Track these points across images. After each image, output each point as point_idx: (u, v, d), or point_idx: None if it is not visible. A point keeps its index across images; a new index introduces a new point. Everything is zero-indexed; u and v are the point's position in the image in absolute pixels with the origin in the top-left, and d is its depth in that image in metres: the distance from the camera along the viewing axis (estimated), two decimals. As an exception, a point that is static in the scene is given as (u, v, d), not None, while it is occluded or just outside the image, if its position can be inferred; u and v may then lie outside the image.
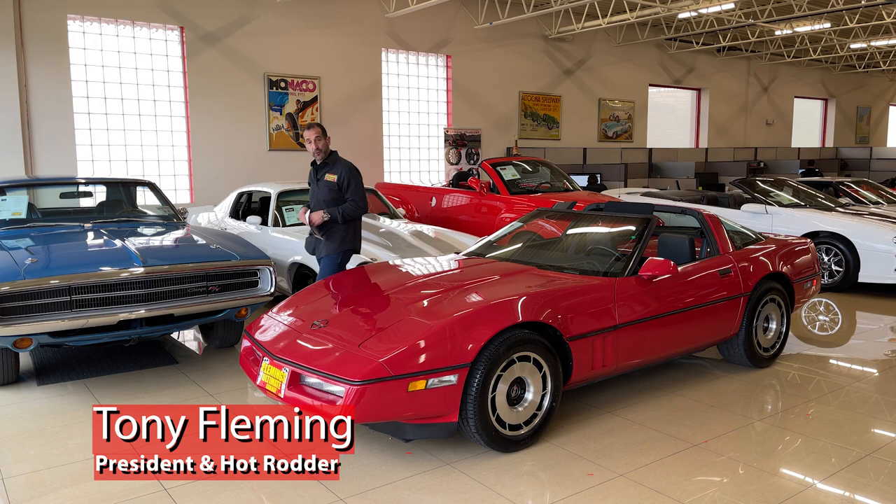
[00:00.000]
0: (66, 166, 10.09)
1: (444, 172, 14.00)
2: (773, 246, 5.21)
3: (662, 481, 3.31)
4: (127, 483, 3.29)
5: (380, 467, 3.45)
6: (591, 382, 4.13)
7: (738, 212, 8.52)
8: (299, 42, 11.99)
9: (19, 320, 4.24)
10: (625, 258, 4.32)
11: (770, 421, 4.09)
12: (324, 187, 4.95)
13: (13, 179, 5.94)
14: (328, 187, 4.94)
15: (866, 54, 20.51)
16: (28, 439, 3.82)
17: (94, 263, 4.55)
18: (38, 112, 9.83)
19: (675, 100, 19.09)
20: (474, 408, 3.38)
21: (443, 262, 4.74)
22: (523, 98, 15.17)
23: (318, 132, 4.88)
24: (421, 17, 13.24)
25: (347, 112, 12.67)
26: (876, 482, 3.32)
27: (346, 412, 3.16)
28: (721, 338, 4.78)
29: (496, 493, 3.19)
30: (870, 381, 4.82)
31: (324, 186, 4.95)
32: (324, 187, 4.95)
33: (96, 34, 10.38)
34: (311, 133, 4.92)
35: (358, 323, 3.66)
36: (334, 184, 4.92)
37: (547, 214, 5.31)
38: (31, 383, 4.79)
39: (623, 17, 13.57)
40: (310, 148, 4.94)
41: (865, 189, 10.19)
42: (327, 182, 4.94)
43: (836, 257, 7.74)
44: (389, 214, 7.66)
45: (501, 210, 8.35)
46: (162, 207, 6.31)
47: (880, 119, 25.58)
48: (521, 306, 3.61)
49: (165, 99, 11.02)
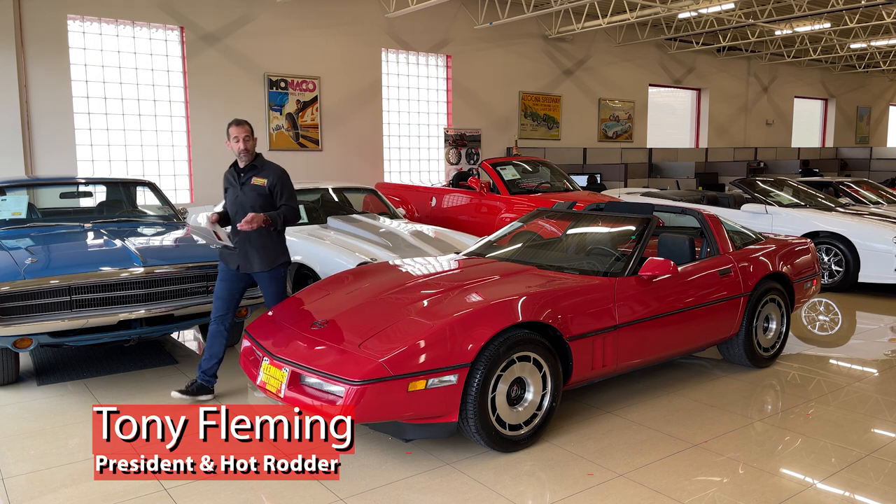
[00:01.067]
0: (66, 166, 10.09)
1: (444, 172, 14.00)
2: (773, 246, 5.21)
3: (662, 481, 3.31)
4: (127, 483, 3.29)
5: (380, 467, 3.45)
6: (591, 382, 4.13)
7: (738, 212, 8.52)
8: (299, 42, 11.99)
9: (19, 320, 4.25)
10: (625, 258, 4.32)
11: (770, 421, 4.09)
12: (251, 192, 4.30)
13: (13, 179, 5.94)
14: (256, 192, 4.30)
15: (866, 54, 20.51)
16: (28, 439, 3.82)
17: (94, 263, 4.56)
18: (38, 112, 9.83)
19: (675, 100, 19.08)
20: (474, 408, 3.38)
21: (443, 262, 4.74)
22: (523, 98, 15.17)
23: (248, 131, 4.28)
24: (421, 17, 13.24)
25: (347, 112, 12.67)
26: (876, 482, 3.32)
27: (346, 412, 3.16)
28: (721, 338, 4.78)
29: (496, 493, 3.19)
30: (870, 381, 4.82)
31: (251, 191, 4.29)
32: (251, 192, 4.30)
33: (96, 34, 10.38)
34: (240, 131, 4.25)
35: (358, 323, 3.66)
36: (264, 188, 4.30)
37: (547, 214, 5.31)
38: (31, 383, 4.79)
39: (623, 17, 13.57)
40: (236, 147, 4.28)
41: (865, 189, 10.19)
42: (255, 186, 4.29)
43: (836, 257, 7.74)
44: (389, 214, 7.65)
45: (501, 210, 8.35)
46: (162, 207, 6.32)
47: (880, 119, 25.57)
48: (521, 306, 3.61)
49: (165, 99, 11.02)
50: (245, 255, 4.34)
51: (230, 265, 4.39)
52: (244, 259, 4.34)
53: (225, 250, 4.42)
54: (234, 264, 4.36)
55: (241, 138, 4.25)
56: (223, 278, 4.41)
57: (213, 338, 4.39)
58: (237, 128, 4.28)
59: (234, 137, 4.27)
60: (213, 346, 4.39)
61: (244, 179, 4.32)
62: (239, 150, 4.29)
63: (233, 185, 4.36)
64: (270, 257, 4.37)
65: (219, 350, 4.40)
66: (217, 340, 4.39)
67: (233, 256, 4.36)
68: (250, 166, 4.34)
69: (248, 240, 4.31)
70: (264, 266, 4.36)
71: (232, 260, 4.37)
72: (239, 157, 4.32)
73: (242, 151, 4.28)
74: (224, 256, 4.43)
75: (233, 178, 4.37)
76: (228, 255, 4.39)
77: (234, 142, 4.28)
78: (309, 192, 7.41)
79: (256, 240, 4.31)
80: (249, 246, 4.32)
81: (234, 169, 4.39)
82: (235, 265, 4.36)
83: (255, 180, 4.31)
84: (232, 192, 4.37)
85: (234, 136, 4.27)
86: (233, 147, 4.30)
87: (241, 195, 4.32)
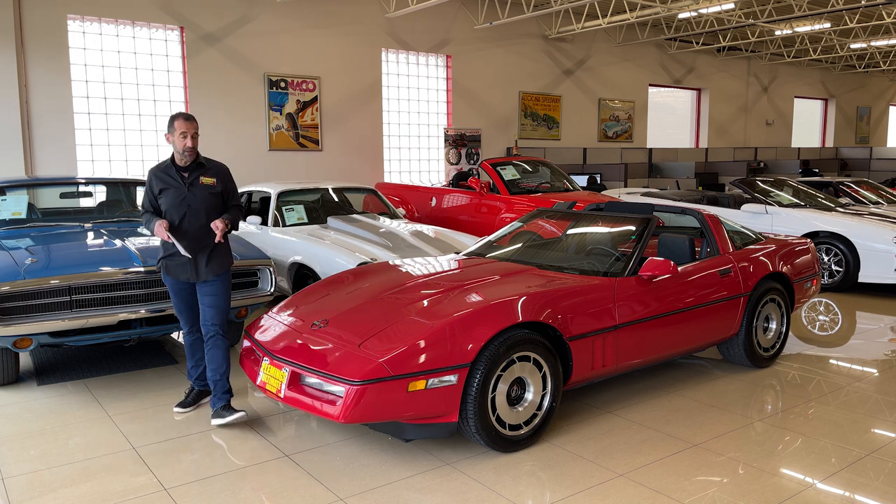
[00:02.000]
0: (66, 166, 10.10)
1: (444, 172, 14.00)
2: (773, 246, 5.22)
3: (662, 481, 3.31)
4: (127, 483, 3.30)
5: (380, 467, 3.45)
6: (591, 382, 4.13)
7: (738, 212, 8.53)
8: (299, 42, 11.99)
9: (19, 320, 4.25)
10: (625, 258, 4.32)
11: (770, 421, 4.09)
12: (201, 192, 3.94)
13: (13, 179, 5.94)
14: (208, 191, 3.96)
15: (866, 54, 20.51)
16: (28, 439, 3.82)
17: (94, 263, 4.56)
18: (37, 112, 9.83)
19: (675, 100, 19.09)
20: (474, 408, 3.38)
21: (443, 262, 4.74)
22: (523, 98, 15.17)
23: (197, 127, 3.94)
24: (421, 17, 13.25)
25: (347, 112, 12.68)
26: (876, 482, 3.32)
27: (346, 412, 3.17)
28: (721, 338, 4.78)
29: (496, 493, 3.19)
30: (870, 381, 4.82)
31: (201, 191, 3.94)
32: (201, 192, 3.94)
33: (96, 34, 10.39)
34: (190, 126, 3.87)
35: (358, 323, 3.66)
36: (215, 188, 3.98)
37: (547, 214, 5.31)
38: (31, 383, 4.79)
39: (623, 17, 13.57)
40: (183, 144, 3.87)
41: (865, 189, 10.19)
42: (206, 186, 3.95)
43: (836, 257, 7.75)
44: (389, 214, 7.66)
45: (501, 210, 8.36)
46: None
47: (880, 119, 25.58)
48: (521, 306, 3.61)
49: (165, 99, 11.03)
50: (194, 264, 3.97)
51: (180, 277, 4.01)
52: (193, 268, 3.98)
53: (171, 261, 4.00)
54: (185, 275, 3.99)
55: (189, 134, 3.87)
56: (176, 292, 4.08)
57: (192, 347, 4.23)
58: (187, 123, 3.88)
59: (183, 133, 3.86)
60: (195, 354, 4.24)
61: (191, 179, 3.95)
62: (185, 147, 3.89)
63: (174, 186, 3.93)
64: (221, 262, 4.05)
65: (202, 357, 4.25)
66: (197, 347, 4.23)
67: (182, 267, 3.98)
68: (196, 164, 3.98)
69: (201, 247, 3.97)
70: (217, 271, 4.03)
71: (181, 271, 3.98)
72: (183, 153, 3.91)
73: (189, 150, 3.89)
74: (171, 269, 4.01)
75: (173, 178, 3.94)
76: (176, 266, 3.99)
77: (182, 137, 3.87)
78: (309, 192, 7.41)
79: (208, 246, 3.99)
80: (201, 253, 3.97)
81: (174, 167, 3.96)
82: (186, 276, 3.99)
83: (204, 179, 3.96)
84: (174, 193, 3.93)
85: (182, 131, 3.86)
86: (177, 143, 3.89)
87: (188, 196, 3.93)
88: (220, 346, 4.04)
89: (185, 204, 3.93)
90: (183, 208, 3.94)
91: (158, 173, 3.98)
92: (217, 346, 4.04)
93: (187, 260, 3.96)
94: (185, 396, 4.30)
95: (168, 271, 4.04)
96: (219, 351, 4.04)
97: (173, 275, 4.02)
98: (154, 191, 3.99)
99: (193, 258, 3.95)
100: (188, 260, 3.96)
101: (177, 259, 3.98)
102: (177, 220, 3.93)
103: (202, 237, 3.96)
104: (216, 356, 4.04)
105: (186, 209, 3.94)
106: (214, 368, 4.03)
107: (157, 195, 3.98)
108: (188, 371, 4.31)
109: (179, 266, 3.99)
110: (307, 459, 3.55)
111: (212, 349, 4.04)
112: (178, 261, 3.98)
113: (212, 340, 4.04)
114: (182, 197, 3.93)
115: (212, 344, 4.04)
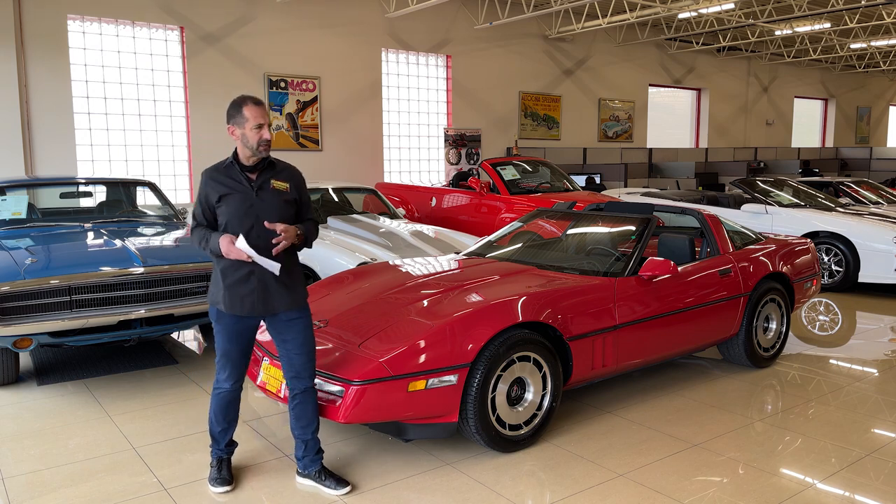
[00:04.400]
0: (66, 166, 10.10)
1: (444, 172, 14.00)
2: (773, 246, 5.22)
3: (662, 481, 3.31)
4: (127, 483, 3.30)
5: (380, 467, 3.45)
6: (591, 382, 4.13)
7: (738, 212, 8.53)
8: (299, 42, 11.99)
9: (19, 320, 4.25)
10: (625, 258, 4.33)
11: (770, 421, 4.09)
12: (273, 199, 3.08)
13: (13, 179, 5.94)
14: (281, 199, 3.11)
15: (866, 54, 20.51)
16: (28, 439, 3.82)
17: (94, 263, 4.56)
18: (38, 112, 9.83)
19: (675, 100, 19.08)
20: (474, 408, 3.38)
21: (443, 262, 4.74)
22: (523, 98, 15.17)
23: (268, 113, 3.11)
24: (421, 17, 13.25)
25: (347, 112, 12.68)
26: (876, 482, 3.32)
27: (347, 412, 3.17)
28: (721, 338, 4.78)
29: (496, 493, 3.19)
30: (870, 381, 4.82)
31: (272, 198, 3.08)
32: (273, 199, 3.08)
33: (96, 34, 10.38)
34: (264, 114, 3.05)
35: (358, 323, 3.66)
36: (288, 195, 3.14)
37: (547, 214, 5.31)
38: (31, 383, 4.79)
39: (623, 17, 13.57)
40: (258, 136, 3.02)
41: (865, 189, 10.20)
42: (278, 192, 3.11)
43: (836, 257, 7.75)
44: (389, 214, 7.66)
45: (501, 210, 8.36)
46: (162, 207, 6.32)
47: (880, 119, 25.58)
48: (521, 306, 3.61)
49: (165, 99, 11.02)
50: (264, 290, 3.06)
51: (238, 310, 3.06)
52: (262, 296, 3.06)
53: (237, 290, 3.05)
54: (248, 305, 3.06)
55: (265, 124, 3.04)
56: (237, 333, 3.13)
57: (231, 404, 3.25)
58: (260, 109, 3.04)
59: (258, 124, 3.02)
60: (230, 412, 3.26)
61: (260, 182, 3.08)
62: (261, 141, 3.03)
63: (239, 190, 3.04)
64: (299, 291, 3.17)
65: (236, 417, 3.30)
66: (236, 405, 3.28)
67: (251, 297, 3.05)
68: (267, 164, 3.13)
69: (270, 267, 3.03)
70: (293, 303, 3.14)
71: (244, 301, 3.06)
72: (257, 149, 3.04)
73: (265, 144, 3.05)
74: (234, 301, 3.05)
75: (237, 180, 3.07)
76: (244, 297, 3.05)
77: (256, 129, 3.02)
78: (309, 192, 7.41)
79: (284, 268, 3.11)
80: (269, 276, 3.08)
81: (238, 167, 3.09)
82: (249, 306, 3.06)
83: (275, 184, 3.10)
84: (240, 200, 3.03)
85: (257, 121, 3.02)
86: (249, 136, 3.02)
87: (256, 203, 3.04)
88: (312, 400, 3.22)
89: (252, 213, 3.04)
90: (250, 219, 3.04)
91: (217, 175, 3.09)
92: (309, 402, 3.21)
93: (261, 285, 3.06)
94: (218, 471, 3.27)
95: (231, 306, 3.07)
96: (311, 406, 3.22)
97: (237, 310, 3.06)
98: (211, 198, 3.06)
99: (262, 284, 3.07)
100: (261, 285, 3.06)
101: (247, 286, 3.05)
102: (241, 232, 3.02)
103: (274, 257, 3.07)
104: (307, 412, 3.21)
105: (254, 220, 3.04)
106: (304, 426, 3.22)
107: (216, 203, 3.06)
108: (215, 433, 3.27)
109: (246, 297, 3.06)
110: (307, 459, 3.54)
111: (302, 404, 3.20)
112: (247, 288, 3.05)
113: (304, 395, 3.19)
114: (250, 204, 3.04)
115: (303, 399, 3.19)
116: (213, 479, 3.25)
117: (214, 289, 3.14)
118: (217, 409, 3.22)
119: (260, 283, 3.05)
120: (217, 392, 3.21)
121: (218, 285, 3.10)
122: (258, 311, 3.07)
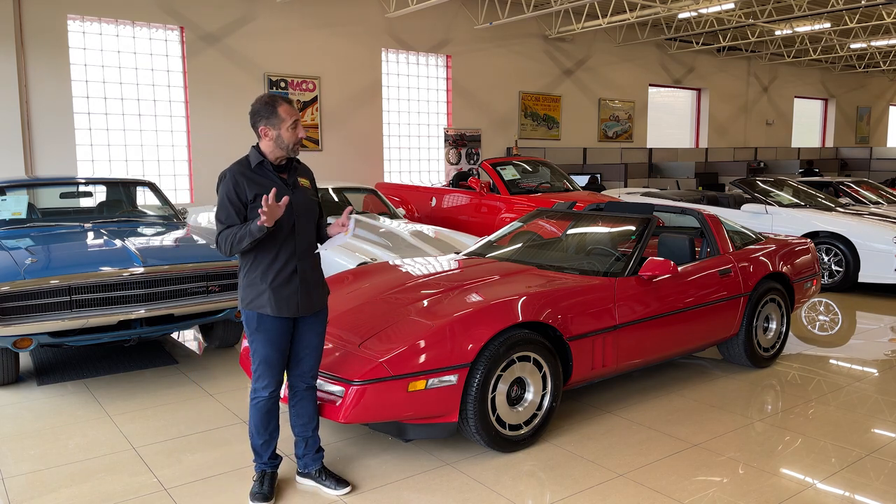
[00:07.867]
0: (66, 166, 10.10)
1: (444, 172, 14.00)
2: (773, 246, 5.22)
3: (662, 481, 3.31)
4: (127, 483, 3.30)
5: (380, 467, 3.45)
6: (592, 382, 4.13)
7: (738, 212, 8.53)
8: (299, 42, 11.99)
9: (19, 320, 4.25)
10: (625, 258, 4.32)
11: (770, 421, 4.09)
12: (304, 198, 3.06)
13: (13, 179, 5.94)
14: (309, 196, 3.10)
15: (866, 54, 20.51)
16: (28, 439, 3.82)
17: (94, 263, 4.55)
18: (37, 112, 9.83)
19: (675, 100, 19.08)
20: (474, 408, 3.38)
21: (443, 262, 4.74)
22: (523, 98, 15.17)
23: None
24: (421, 17, 13.25)
25: (347, 112, 12.67)
26: (876, 482, 3.32)
27: (347, 412, 3.17)
28: (721, 338, 4.78)
29: (496, 493, 3.19)
30: (870, 381, 4.82)
31: (303, 196, 3.06)
32: (304, 198, 3.06)
33: (96, 34, 10.38)
34: (296, 111, 2.98)
35: (358, 323, 3.66)
36: (310, 190, 3.13)
37: (547, 214, 5.31)
38: (31, 383, 4.79)
39: (623, 17, 13.57)
40: (294, 136, 2.95)
41: (865, 189, 10.20)
42: (306, 189, 3.09)
43: (836, 257, 7.74)
44: (389, 214, 7.66)
45: (501, 210, 8.36)
46: (162, 207, 6.32)
47: (880, 119, 25.58)
48: (521, 306, 3.61)
49: (165, 99, 11.02)
50: (306, 289, 3.02)
51: (286, 311, 2.97)
52: (306, 295, 3.01)
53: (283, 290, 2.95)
54: (293, 305, 2.98)
55: (299, 122, 2.96)
56: (279, 335, 3.01)
57: (271, 411, 3.11)
58: (292, 107, 2.95)
59: (295, 122, 2.93)
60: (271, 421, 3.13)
61: (292, 181, 3.03)
62: (296, 141, 2.95)
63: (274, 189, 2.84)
64: (326, 288, 3.19)
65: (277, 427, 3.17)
66: (276, 412, 3.14)
67: (294, 296, 2.98)
68: (293, 163, 3.07)
69: (311, 266, 3.06)
70: (325, 301, 3.17)
71: (289, 301, 2.97)
72: (292, 148, 2.96)
73: (299, 143, 2.97)
74: (280, 301, 2.95)
75: (271, 180, 2.96)
76: (289, 296, 2.97)
77: (292, 128, 2.92)
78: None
79: (317, 267, 3.11)
80: (312, 274, 3.06)
81: (268, 166, 2.98)
82: (294, 307, 2.99)
83: (301, 181, 3.08)
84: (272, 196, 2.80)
85: (293, 118, 2.93)
86: (285, 136, 2.92)
87: (294, 202, 2.99)
88: (312, 397, 3.21)
89: (291, 212, 2.96)
90: (291, 218, 2.96)
91: (249, 174, 2.94)
92: (310, 399, 3.20)
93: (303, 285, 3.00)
94: (260, 484, 3.13)
95: (279, 308, 2.96)
96: (312, 403, 3.21)
97: (284, 311, 2.97)
98: (242, 197, 2.91)
99: (305, 282, 3.01)
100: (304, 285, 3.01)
101: (291, 286, 2.97)
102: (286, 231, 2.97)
103: (310, 256, 3.07)
104: (308, 409, 3.19)
105: (295, 219, 2.98)
106: (305, 423, 3.20)
107: (251, 202, 2.91)
108: (256, 447, 3.14)
109: (291, 297, 2.97)
110: (307, 459, 3.54)
111: (303, 401, 3.19)
112: (291, 288, 2.97)
113: (306, 392, 3.19)
114: (289, 203, 2.94)
115: (304, 396, 3.19)
116: (253, 493, 3.09)
117: (253, 293, 2.96)
118: (258, 420, 3.07)
119: (302, 282, 2.99)
120: (255, 402, 3.07)
121: (258, 288, 2.95)
122: (303, 310, 3.01)
